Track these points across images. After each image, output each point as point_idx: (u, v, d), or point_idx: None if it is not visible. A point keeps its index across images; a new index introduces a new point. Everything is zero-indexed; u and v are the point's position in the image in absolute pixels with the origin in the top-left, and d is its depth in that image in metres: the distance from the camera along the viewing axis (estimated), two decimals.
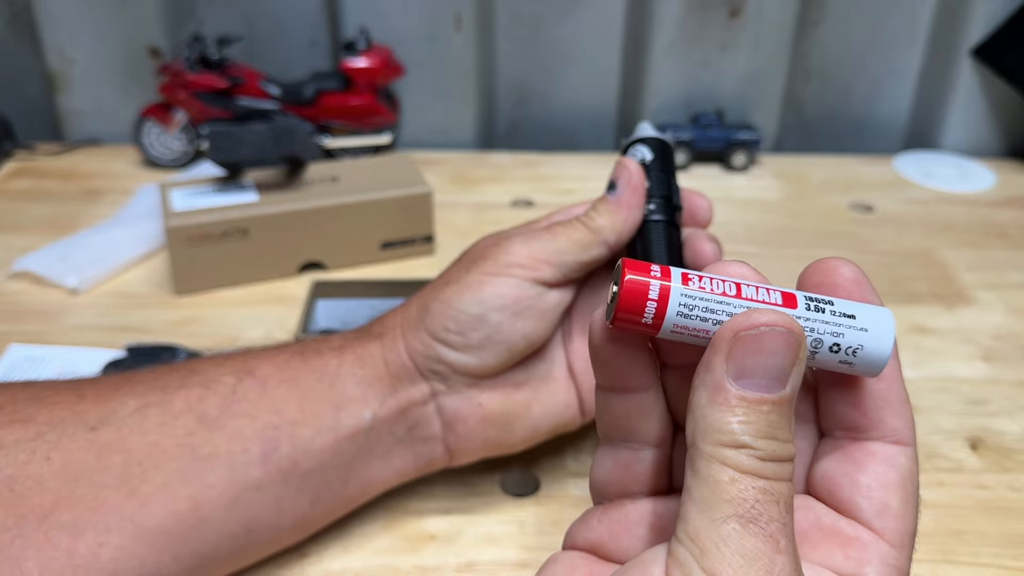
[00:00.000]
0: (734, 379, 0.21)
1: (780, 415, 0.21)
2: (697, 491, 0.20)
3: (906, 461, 0.24)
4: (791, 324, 0.21)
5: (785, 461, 0.21)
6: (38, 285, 0.56)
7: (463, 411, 0.36)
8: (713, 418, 0.21)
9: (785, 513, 0.20)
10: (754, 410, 0.21)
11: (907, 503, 0.23)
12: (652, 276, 0.22)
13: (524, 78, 0.80)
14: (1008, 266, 0.62)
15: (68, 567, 0.29)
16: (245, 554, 0.34)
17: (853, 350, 0.22)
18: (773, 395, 0.21)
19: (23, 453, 0.30)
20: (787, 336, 0.21)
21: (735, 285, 0.22)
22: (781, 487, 0.20)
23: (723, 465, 0.20)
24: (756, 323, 0.21)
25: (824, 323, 0.22)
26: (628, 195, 0.37)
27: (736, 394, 0.21)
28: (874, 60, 0.79)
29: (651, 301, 0.22)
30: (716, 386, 0.21)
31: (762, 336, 0.21)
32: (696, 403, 0.21)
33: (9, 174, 0.72)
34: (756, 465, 0.20)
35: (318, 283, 0.55)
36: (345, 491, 0.36)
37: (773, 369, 0.21)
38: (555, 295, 0.36)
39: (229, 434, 0.33)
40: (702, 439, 0.21)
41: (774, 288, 0.22)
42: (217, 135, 0.54)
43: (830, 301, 0.22)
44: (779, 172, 0.75)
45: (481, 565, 0.37)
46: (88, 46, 0.75)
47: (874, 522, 0.23)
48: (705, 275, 0.22)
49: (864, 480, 0.23)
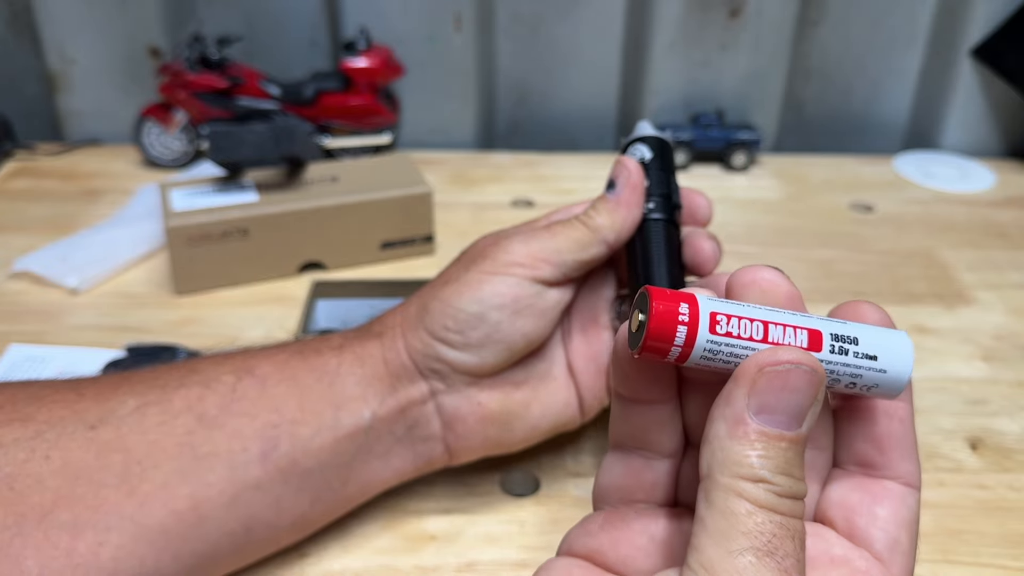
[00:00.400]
0: (755, 413, 0.21)
1: (796, 453, 0.21)
2: (712, 522, 0.20)
3: (915, 503, 0.25)
4: (815, 364, 0.21)
5: (799, 499, 0.21)
6: (38, 285, 0.56)
7: (462, 410, 0.36)
8: (732, 451, 0.21)
9: (799, 550, 0.21)
10: (773, 446, 0.21)
11: (912, 543, 0.24)
12: (680, 321, 0.21)
13: (524, 78, 0.80)
14: (1008, 266, 0.62)
15: (68, 566, 0.29)
16: (245, 553, 0.34)
17: (868, 387, 0.23)
18: (791, 432, 0.21)
19: (22, 452, 0.30)
20: (810, 375, 0.21)
21: (763, 327, 0.22)
22: (796, 524, 0.21)
23: (741, 498, 0.20)
24: (782, 360, 0.21)
25: (844, 365, 0.23)
26: (627, 194, 0.37)
27: (756, 429, 0.21)
28: (874, 60, 0.79)
29: (676, 347, 0.22)
30: (736, 419, 0.21)
31: (787, 373, 0.21)
32: (714, 434, 0.21)
33: (9, 174, 0.72)
34: (773, 500, 0.20)
35: (318, 283, 0.55)
36: (345, 490, 0.36)
37: (794, 407, 0.21)
38: (554, 294, 0.36)
39: (229, 433, 0.33)
40: (719, 471, 0.21)
41: (801, 327, 0.22)
42: (217, 135, 0.54)
43: (855, 339, 0.23)
44: (779, 172, 0.75)
45: (481, 565, 0.37)
46: (88, 46, 0.75)
47: (884, 555, 0.24)
48: (734, 315, 0.22)
49: (881, 512, 0.24)
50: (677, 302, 0.22)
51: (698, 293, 0.22)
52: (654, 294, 0.22)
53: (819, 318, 0.23)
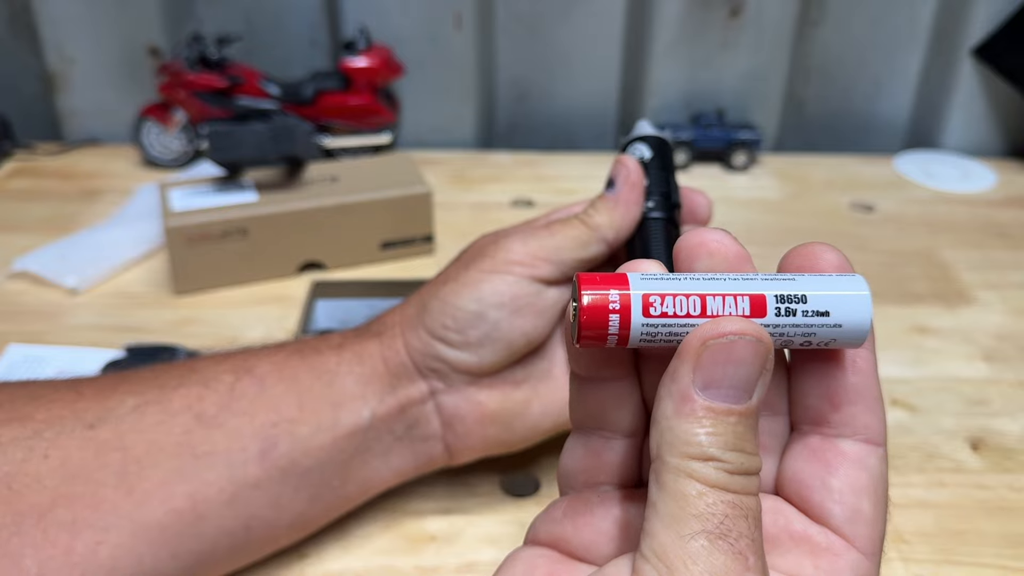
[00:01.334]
0: (701, 389, 0.20)
1: (746, 427, 0.20)
2: (663, 506, 0.20)
3: (877, 462, 0.23)
4: (760, 333, 0.20)
5: (752, 474, 0.20)
6: (37, 285, 0.56)
7: (462, 409, 0.36)
8: (680, 429, 0.20)
9: (754, 528, 0.20)
10: (721, 421, 0.20)
11: (878, 508, 0.23)
12: (611, 310, 0.21)
13: (524, 77, 0.80)
14: (1009, 266, 0.61)
15: (66, 565, 0.29)
16: (244, 552, 0.34)
17: (825, 343, 0.22)
18: (740, 406, 0.20)
19: (21, 451, 0.30)
20: (755, 345, 0.20)
21: (700, 300, 0.21)
22: (749, 501, 0.20)
23: (691, 479, 0.20)
24: (724, 331, 0.20)
25: (794, 326, 0.21)
26: (626, 192, 0.37)
27: (703, 404, 0.20)
28: (875, 60, 0.79)
29: (612, 336, 0.21)
30: (683, 396, 0.20)
31: (731, 345, 0.20)
32: (661, 414, 0.21)
33: (8, 174, 0.71)
34: (724, 479, 0.20)
35: (318, 283, 0.55)
36: (344, 490, 0.36)
37: (741, 379, 0.20)
38: (554, 293, 0.36)
39: (227, 432, 0.33)
40: (668, 451, 0.20)
41: (742, 294, 0.21)
42: (216, 135, 0.54)
43: (803, 296, 0.21)
44: (780, 172, 0.75)
45: (481, 565, 0.37)
46: (87, 46, 0.75)
47: (845, 528, 0.22)
48: (668, 293, 0.21)
49: (836, 484, 0.23)
50: (608, 289, 0.21)
51: (631, 272, 0.22)
52: (583, 281, 0.21)
53: (764, 277, 0.22)
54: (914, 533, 0.39)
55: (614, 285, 0.21)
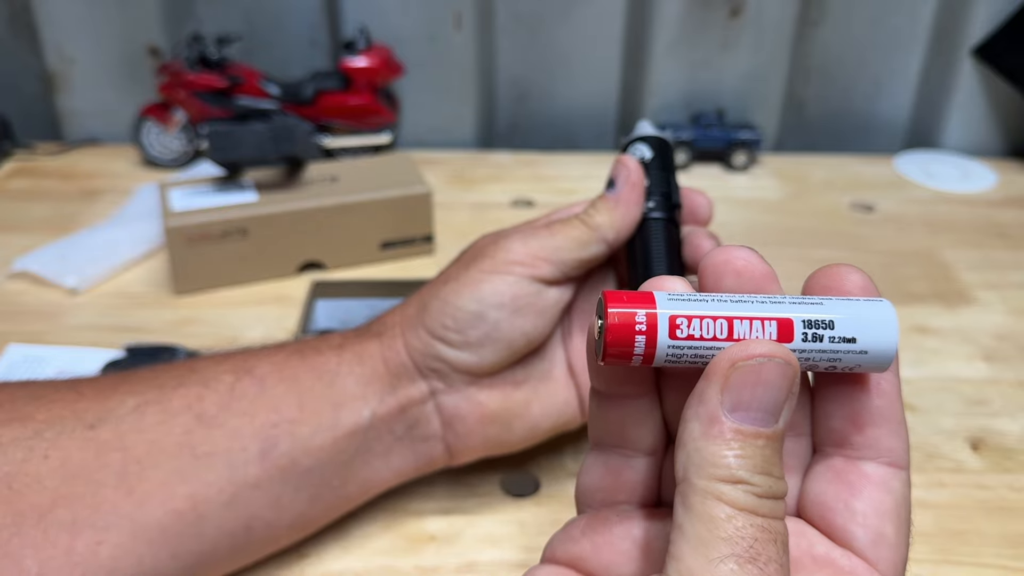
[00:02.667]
0: (730, 411, 0.20)
1: (774, 450, 0.20)
2: (691, 528, 0.19)
3: (900, 486, 0.23)
4: (788, 356, 0.20)
5: (779, 499, 0.20)
6: (37, 285, 0.56)
7: (462, 410, 0.36)
8: (708, 451, 0.20)
9: (782, 554, 0.20)
10: (750, 444, 0.20)
11: (901, 531, 0.23)
12: (637, 330, 0.21)
13: (524, 77, 0.80)
14: (1009, 266, 0.61)
15: (66, 565, 0.29)
16: (244, 553, 0.34)
17: (850, 368, 0.22)
18: (768, 429, 0.20)
19: (21, 451, 0.30)
20: (784, 368, 0.20)
21: (727, 324, 0.21)
22: (778, 525, 0.20)
23: (719, 501, 0.19)
24: (753, 353, 0.20)
25: (821, 352, 0.21)
26: (627, 192, 0.37)
27: (732, 427, 0.20)
28: (875, 60, 0.79)
29: (636, 356, 0.21)
30: (711, 418, 0.20)
31: (760, 368, 0.20)
32: (688, 435, 0.20)
33: (8, 174, 0.71)
34: (753, 502, 0.19)
35: (318, 283, 0.55)
36: (344, 490, 0.36)
37: (769, 402, 0.20)
38: (554, 293, 0.36)
39: (228, 432, 0.33)
40: (696, 474, 0.20)
41: (769, 318, 0.21)
42: (216, 135, 0.54)
43: (830, 322, 0.21)
44: (780, 172, 0.75)
45: (481, 565, 0.37)
46: (87, 46, 0.75)
47: (868, 552, 0.22)
48: (695, 315, 0.21)
49: (859, 507, 0.22)
50: (634, 309, 0.21)
51: (658, 291, 0.21)
52: (610, 300, 0.21)
53: (791, 300, 0.22)
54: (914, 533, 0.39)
55: (641, 304, 0.21)
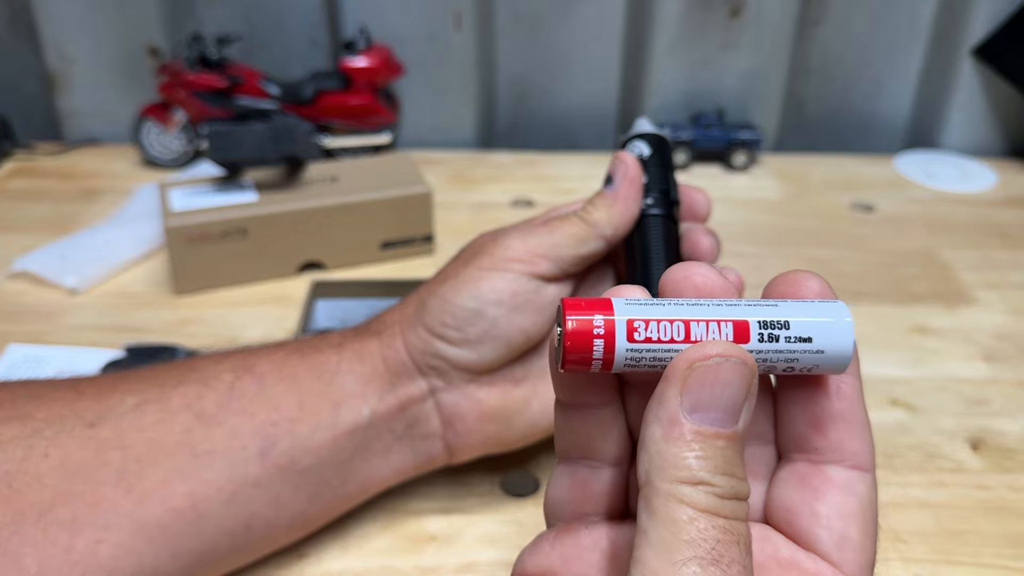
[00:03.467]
0: (689, 412, 0.20)
1: (734, 451, 0.20)
2: (654, 532, 0.19)
3: (865, 489, 0.23)
4: (744, 356, 0.20)
5: (742, 500, 0.20)
6: (37, 285, 0.56)
7: (462, 407, 0.36)
8: (669, 453, 0.20)
9: (745, 555, 0.20)
10: (710, 445, 0.20)
11: (866, 533, 0.23)
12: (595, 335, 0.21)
13: (524, 77, 0.80)
14: (1009, 266, 0.61)
15: (66, 563, 0.29)
16: (244, 551, 0.34)
17: (808, 369, 0.22)
18: (727, 430, 0.20)
19: (21, 449, 0.30)
20: (741, 367, 0.20)
21: (684, 326, 0.21)
22: (740, 527, 0.20)
23: (681, 503, 0.19)
24: (710, 354, 0.20)
25: (777, 352, 0.22)
26: (625, 188, 0.37)
27: (692, 428, 0.20)
28: (875, 59, 0.79)
29: (596, 361, 0.21)
30: (671, 420, 0.20)
31: (717, 368, 0.20)
32: (649, 438, 0.20)
33: (8, 174, 0.72)
34: (715, 503, 0.19)
35: (317, 283, 0.55)
36: (344, 488, 0.36)
37: (728, 402, 0.20)
38: (553, 290, 0.36)
39: (227, 431, 0.33)
40: (658, 476, 0.20)
41: (725, 319, 0.21)
42: (216, 135, 0.54)
43: (785, 323, 0.22)
44: (780, 172, 0.75)
45: (481, 565, 0.37)
46: (87, 46, 0.75)
47: (833, 554, 0.22)
48: (652, 318, 0.21)
49: (823, 510, 0.22)
50: (592, 314, 0.21)
51: (615, 298, 0.22)
52: (568, 306, 0.21)
53: (747, 304, 0.22)
54: (913, 533, 0.39)
55: (599, 310, 0.21)
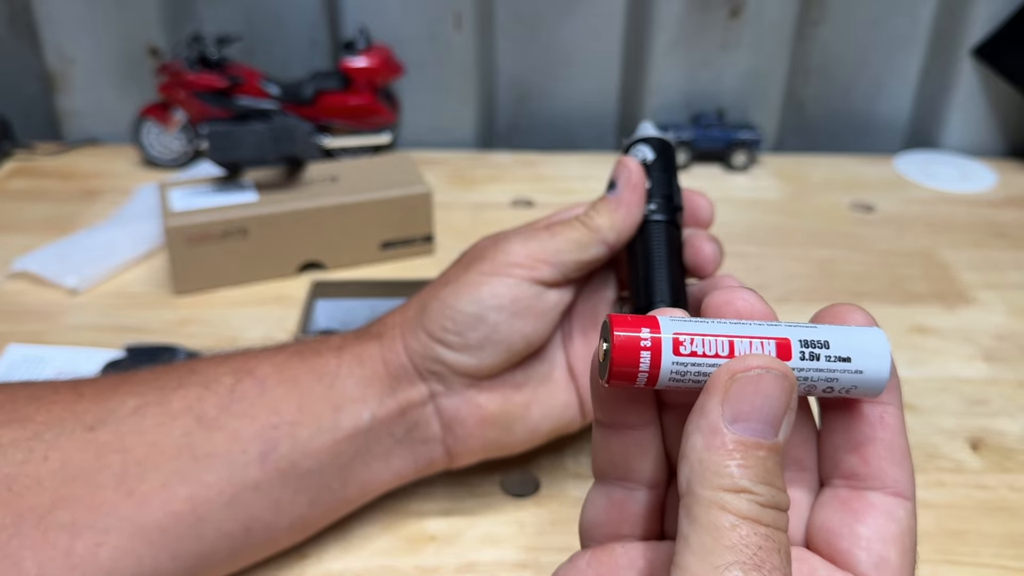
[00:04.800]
0: (730, 423, 0.20)
1: (775, 462, 0.21)
2: (696, 538, 0.20)
3: (905, 515, 0.23)
4: (785, 369, 0.21)
5: (782, 510, 0.20)
6: (37, 285, 0.56)
7: (462, 412, 0.36)
8: (711, 462, 0.20)
9: (786, 564, 0.20)
10: (752, 455, 0.20)
11: (905, 558, 0.23)
12: (643, 347, 0.21)
13: (524, 77, 0.80)
14: (1009, 266, 0.61)
15: (66, 566, 0.29)
16: (243, 554, 0.34)
17: (846, 390, 0.23)
18: (768, 441, 0.20)
19: (21, 452, 0.30)
20: (781, 380, 0.21)
21: (728, 343, 0.22)
22: (781, 536, 0.20)
23: (724, 510, 0.20)
24: (751, 366, 0.21)
25: (818, 371, 0.22)
26: (628, 194, 0.37)
27: (733, 438, 0.20)
28: (875, 60, 0.79)
29: (642, 374, 0.21)
30: (712, 430, 0.20)
31: (758, 379, 0.20)
32: (691, 448, 0.21)
33: (8, 174, 0.71)
34: (757, 511, 0.20)
35: (318, 283, 0.55)
36: (344, 492, 0.36)
37: (768, 414, 0.20)
38: (554, 295, 0.36)
39: (228, 434, 0.33)
40: (700, 485, 0.20)
41: (767, 336, 0.22)
42: (216, 135, 0.54)
43: (825, 342, 0.22)
44: (780, 172, 0.75)
45: (481, 566, 0.37)
46: (87, 46, 0.75)
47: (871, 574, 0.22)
48: (698, 334, 0.22)
49: (863, 531, 0.23)
50: (639, 328, 0.22)
51: (661, 316, 0.22)
52: (615, 322, 0.22)
53: (788, 325, 0.23)
54: None
55: (645, 325, 0.22)
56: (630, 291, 0.37)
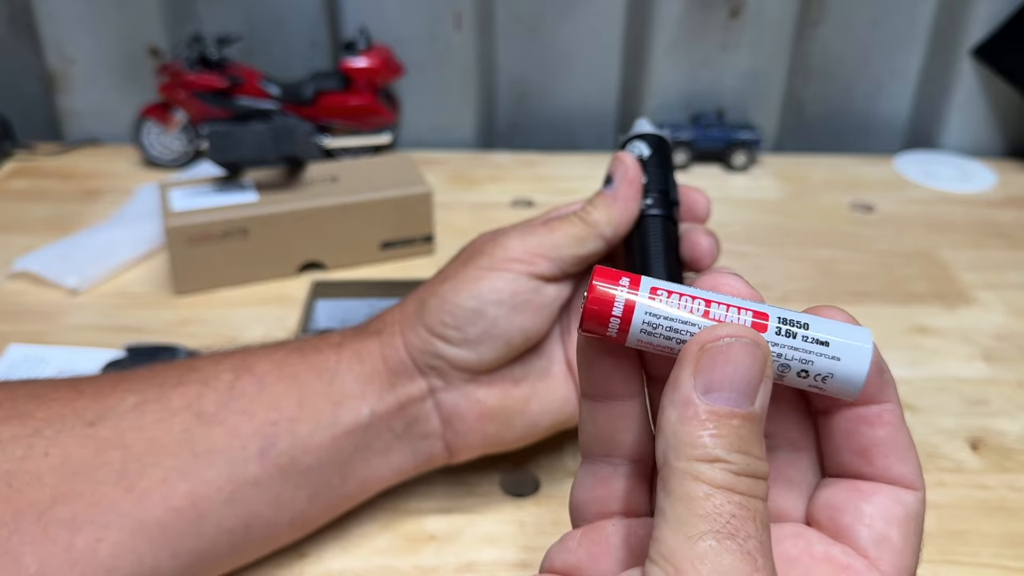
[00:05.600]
0: (703, 393, 0.20)
1: (750, 431, 0.20)
2: (671, 510, 0.20)
3: (913, 501, 0.23)
4: (755, 337, 0.21)
5: (760, 478, 0.20)
6: (38, 285, 0.56)
7: (461, 407, 0.36)
8: (684, 433, 0.20)
9: (762, 531, 0.20)
10: (725, 424, 0.20)
11: (908, 541, 0.23)
12: (619, 286, 0.22)
13: (524, 77, 0.80)
14: (1008, 266, 0.61)
15: (66, 562, 0.29)
16: (243, 551, 0.34)
17: (822, 377, 0.22)
18: (742, 410, 0.20)
19: (21, 449, 0.30)
20: (752, 347, 0.21)
21: (704, 303, 0.22)
22: (757, 504, 0.20)
23: (697, 480, 0.20)
24: (720, 335, 0.21)
25: (793, 349, 0.22)
26: (624, 189, 0.37)
27: (706, 408, 0.20)
28: (875, 60, 0.79)
29: (614, 318, 0.22)
30: (685, 402, 0.20)
31: (728, 348, 0.20)
32: (665, 421, 0.21)
33: (9, 174, 0.72)
34: (731, 479, 0.20)
35: (318, 283, 0.55)
36: (344, 488, 0.36)
37: (740, 382, 0.20)
38: (552, 290, 0.36)
39: (227, 430, 0.33)
40: (674, 457, 0.20)
41: (746, 307, 0.22)
42: (217, 135, 0.54)
43: (805, 324, 0.22)
44: (779, 172, 0.75)
45: (481, 565, 0.37)
46: (88, 46, 0.75)
47: (870, 550, 0.22)
48: (675, 290, 0.22)
49: (867, 509, 0.23)
50: (618, 277, 0.22)
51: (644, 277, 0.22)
52: (597, 271, 0.22)
53: (771, 306, 0.22)
54: None
55: (626, 275, 0.22)
56: None
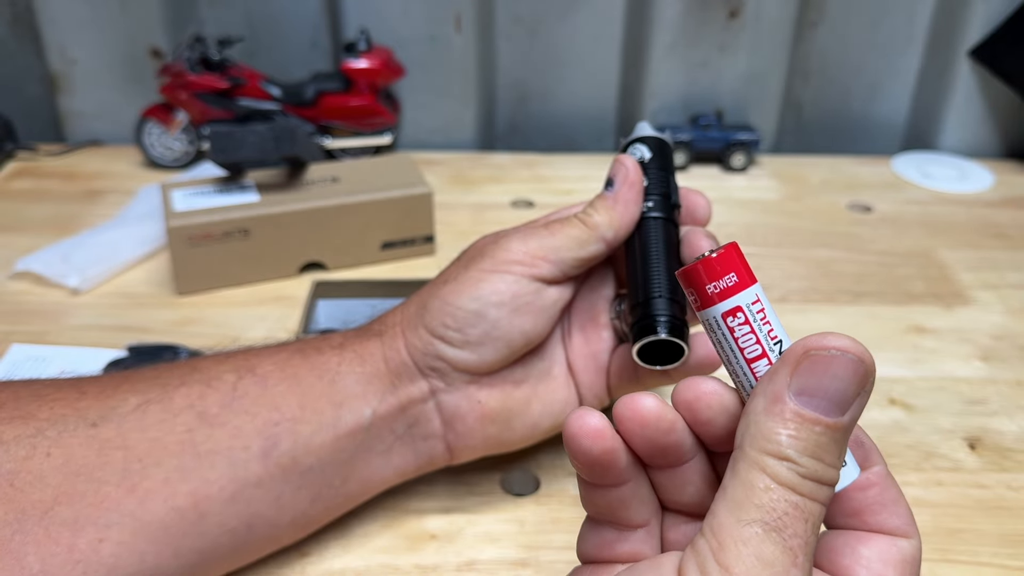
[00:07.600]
0: (795, 394, 0.21)
1: (832, 440, 0.21)
2: (732, 490, 0.21)
3: (908, 546, 0.24)
4: (863, 354, 0.21)
5: (825, 484, 0.21)
6: (40, 285, 0.56)
7: (462, 408, 0.36)
8: (764, 426, 0.21)
9: (811, 533, 0.21)
10: (806, 428, 0.21)
11: None
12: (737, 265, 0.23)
13: (524, 79, 0.80)
14: (1006, 266, 0.62)
15: (68, 562, 0.29)
16: (245, 551, 0.34)
17: None
18: (829, 419, 0.21)
19: (23, 449, 0.30)
20: (855, 364, 0.21)
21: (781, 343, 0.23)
22: (813, 507, 0.21)
23: (762, 472, 0.21)
24: (828, 345, 0.21)
25: None
26: (625, 191, 0.37)
27: (793, 408, 0.21)
28: (873, 61, 0.80)
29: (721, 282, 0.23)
30: (775, 397, 0.21)
31: (831, 359, 0.21)
32: (752, 408, 0.22)
33: (11, 174, 0.72)
34: (794, 480, 0.21)
35: (319, 283, 0.56)
36: (345, 488, 0.36)
37: (835, 393, 0.21)
38: (553, 292, 0.37)
39: (229, 431, 0.33)
40: (750, 444, 0.21)
41: None
42: (218, 136, 0.54)
43: None
44: (778, 173, 0.75)
45: (481, 564, 0.37)
46: (89, 47, 0.75)
47: None
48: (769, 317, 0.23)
49: (865, 552, 0.24)
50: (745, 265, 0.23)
51: None
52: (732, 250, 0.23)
53: None
54: None
55: None
56: (628, 288, 0.38)
